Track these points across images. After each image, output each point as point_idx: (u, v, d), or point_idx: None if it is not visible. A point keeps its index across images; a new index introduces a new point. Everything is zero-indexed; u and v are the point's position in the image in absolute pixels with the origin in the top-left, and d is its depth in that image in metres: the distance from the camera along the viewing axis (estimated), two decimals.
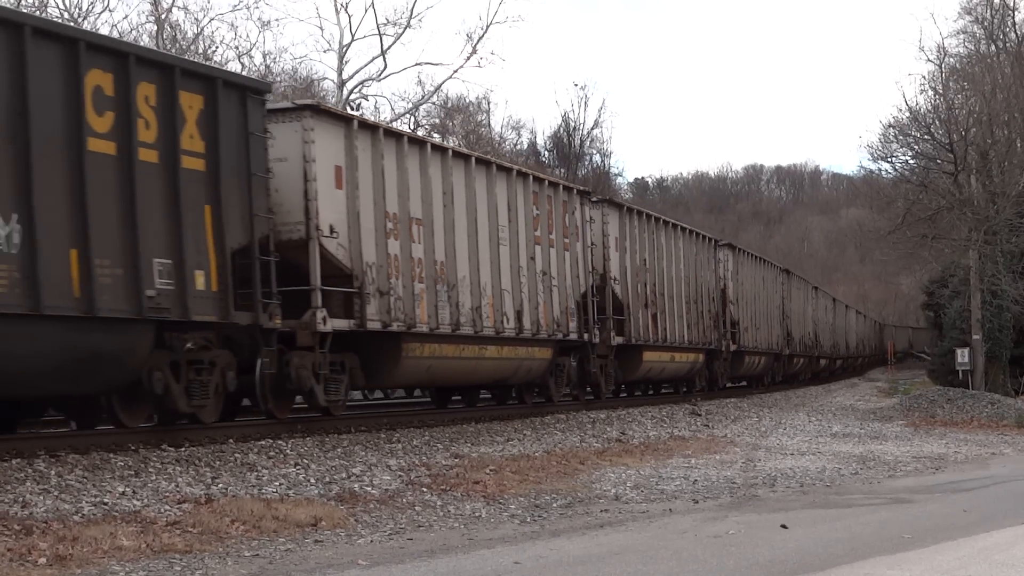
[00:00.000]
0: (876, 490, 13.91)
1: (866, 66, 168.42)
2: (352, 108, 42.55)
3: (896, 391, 43.27)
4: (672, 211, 71.42)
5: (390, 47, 44.58)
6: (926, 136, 35.57)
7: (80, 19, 37.08)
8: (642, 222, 28.68)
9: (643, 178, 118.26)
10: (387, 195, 17.59)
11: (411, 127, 44.98)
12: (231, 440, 14.18)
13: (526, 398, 23.98)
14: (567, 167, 67.23)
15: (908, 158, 37.89)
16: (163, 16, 40.11)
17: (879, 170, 41.84)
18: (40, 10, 34.18)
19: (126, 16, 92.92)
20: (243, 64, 42.02)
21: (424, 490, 12.37)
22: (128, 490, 10.73)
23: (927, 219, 34.55)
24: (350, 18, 67.09)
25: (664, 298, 29.65)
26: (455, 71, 50.61)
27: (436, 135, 46.95)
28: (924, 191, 34.62)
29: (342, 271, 16.60)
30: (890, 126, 37.50)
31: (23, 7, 31.31)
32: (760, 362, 40.91)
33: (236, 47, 50.86)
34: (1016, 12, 43.59)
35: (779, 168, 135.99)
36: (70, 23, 33.17)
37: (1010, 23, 43.99)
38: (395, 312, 17.53)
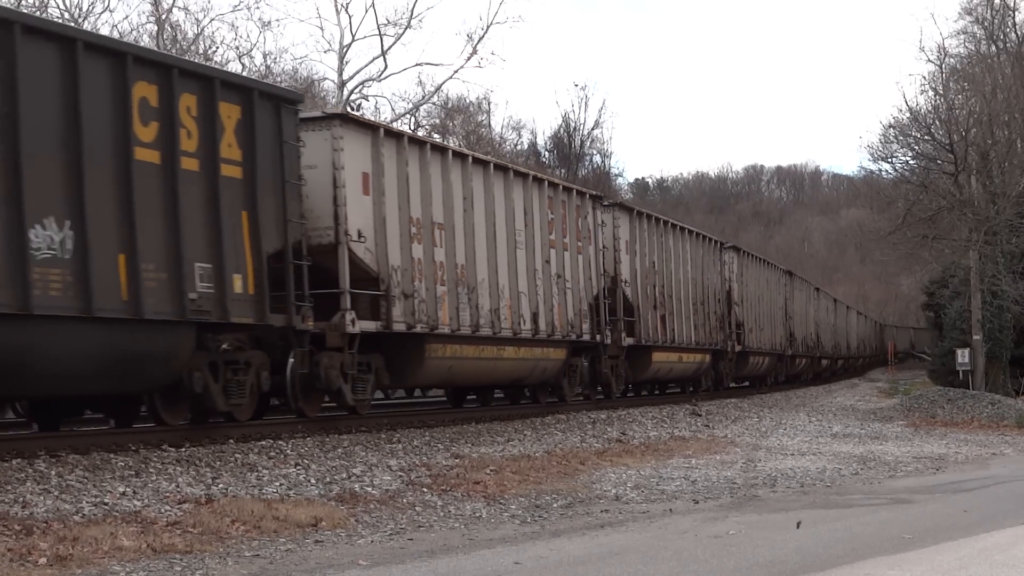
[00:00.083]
0: (876, 490, 13.91)
1: (866, 66, 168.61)
2: (352, 108, 42.56)
3: (896, 391, 43.24)
4: (672, 211, 71.44)
5: (390, 47, 44.68)
6: (926, 136, 35.55)
7: (80, 19, 37.09)
8: (651, 225, 29.09)
9: (643, 178, 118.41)
10: (411, 200, 18.08)
11: (411, 127, 44.99)
12: (231, 440, 14.20)
13: (540, 398, 24.39)
14: (567, 167, 67.28)
15: (908, 158, 37.91)
16: (163, 16, 40.15)
17: (879, 170, 41.91)
18: (40, 10, 34.19)
19: (126, 16, 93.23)
20: (243, 65, 42.07)
21: (424, 490, 12.37)
22: (129, 490, 10.73)
23: (927, 219, 34.54)
24: (350, 18, 67.25)
25: (672, 300, 30.09)
26: (455, 71, 50.52)
27: (436, 135, 46.98)
28: (924, 192, 34.60)
29: (369, 274, 17.06)
30: (890, 126, 37.54)
31: (23, 7, 31.33)
32: (764, 362, 41.24)
33: (236, 47, 51.08)
34: (1016, 12, 43.66)
35: (779, 168, 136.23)
36: (70, 23, 33.19)
37: (1010, 23, 44.06)
38: (419, 314, 18.00)
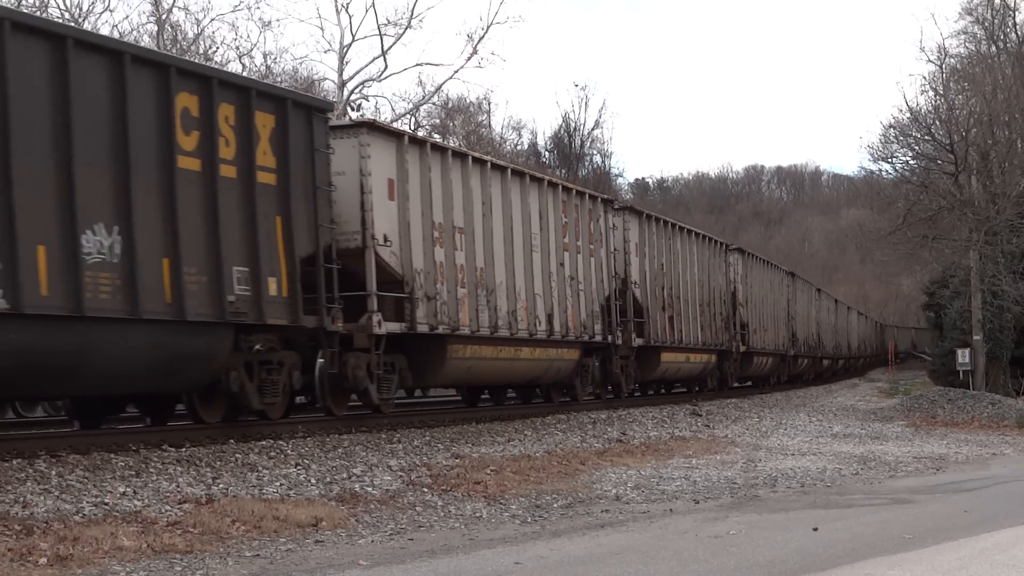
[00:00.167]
0: (877, 490, 13.90)
1: (867, 67, 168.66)
2: (352, 108, 42.58)
3: (897, 391, 43.24)
4: (673, 212, 71.44)
5: (391, 47, 44.68)
6: (927, 137, 35.52)
7: (80, 19, 37.11)
8: (659, 228, 29.60)
9: (644, 178, 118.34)
10: (433, 206, 18.66)
11: (412, 128, 44.98)
12: (232, 440, 14.21)
13: (554, 397, 24.93)
14: (568, 168, 67.30)
15: (909, 159, 37.87)
16: (164, 16, 40.17)
17: (879, 171, 41.90)
18: (41, 10, 34.20)
19: (127, 16, 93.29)
20: (244, 65, 42.09)
21: (425, 490, 12.37)
22: (129, 490, 10.73)
23: (928, 220, 34.53)
24: (351, 18, 67.02)
25: (680, 301, 30.61)
26: (456, 71, 50.57)
27: (437, 136, 46.96)
28: (925, 192, 34.58)
29: (394, 277, 17.68)
30: (890, 127, 37.49)
31: (23, 7, 31.33)
32: (767, 363, 41.69)
33: (237, 47, 51.04)
34: (1017, 13, 43.65)
35: (780, 169, 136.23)
36: (70, 23, 33.19)
37: (1011, 23, 44.06)
38: (441, 316, 18.59)
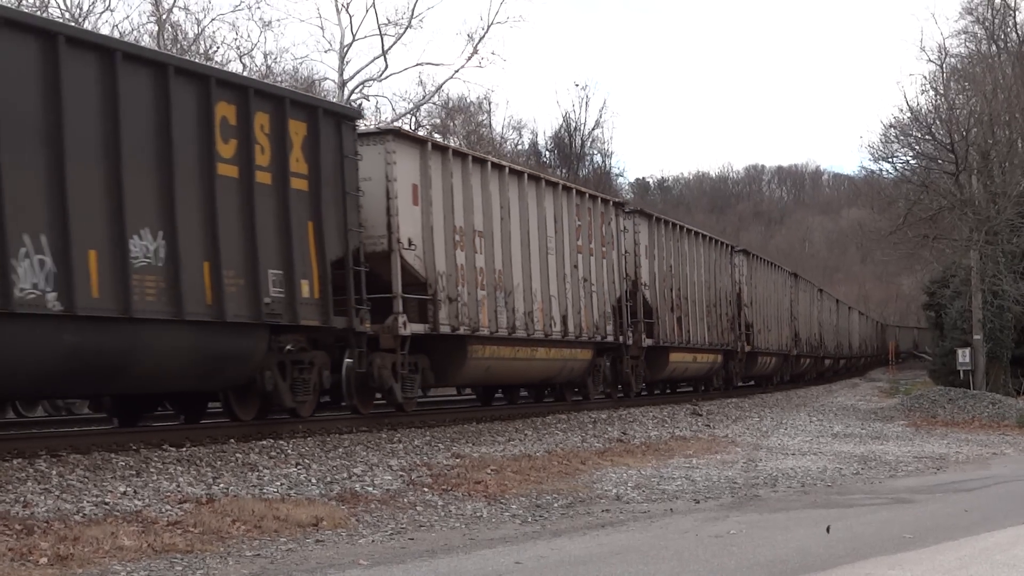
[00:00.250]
0: (877, 490, 13.90)
1: (867, 66, 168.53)
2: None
3: (897, 391, 43.24)
4: (673, 211, 71.39)
5: (391, 47, 44.61)
6: (927, 136, 35.53)
7: (81, 19, 37.11)
8: (668, 230, 30.17)
9: (644, 178, 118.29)
10: (455, 210, 19.27)
11: (412, 127, 44.96)
12: (232, 440, 14.20)
13: (567, 396, 25.52)
14: (568, 167, 67.27)
15: (909, 158, 37.87)
16: (164, 16, 40.17)
17: (880, 170, 41.92)
18: (41, 10, 34.20)
19: (127, 16, 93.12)
20: (244, 65, 42.07)
21: (425, 490, 12.37)
22: (129, 490, 10.73)
23: (928, 219, 34.55)
24: (351, 18, 66.97)
25: (687, 302, 31.19)
26: (456, 71, 50.61)
27: (437, 135, 46.96)
28: (925, 191, 34.59)
29: (417, 280, 18.25)
30: (891, 126, 37.50)
31: (23, 7, 31.34)
32: (771, 362, 42.17)
33: (237, 47, 50.95)
34: (1017, 12, 43.63)
35: (780, 168, 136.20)
36: (71, 23, 33.20)
37: (1011, 23, 44.04)
38: (461, 317, 19.19)
